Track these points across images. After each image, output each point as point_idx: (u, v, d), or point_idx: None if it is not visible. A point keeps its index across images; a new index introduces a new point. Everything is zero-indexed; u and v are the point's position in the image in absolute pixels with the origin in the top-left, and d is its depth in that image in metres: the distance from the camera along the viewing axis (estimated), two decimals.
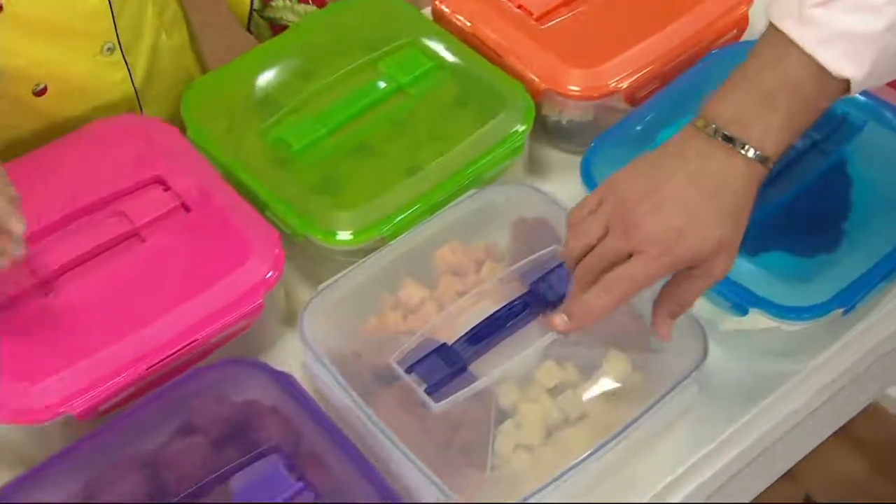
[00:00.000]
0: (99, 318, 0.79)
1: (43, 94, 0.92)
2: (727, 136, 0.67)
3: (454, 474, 0.73)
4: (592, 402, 0.78)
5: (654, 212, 0.67)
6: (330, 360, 0.79)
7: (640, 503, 0.78)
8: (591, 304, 0.70)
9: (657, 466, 0.81)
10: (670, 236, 0.67)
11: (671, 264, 0.68)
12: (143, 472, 0.73)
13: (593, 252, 0.70)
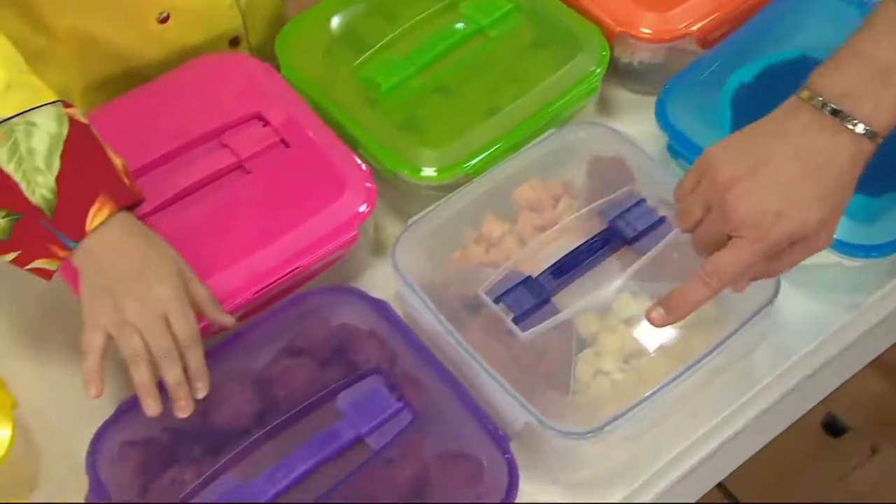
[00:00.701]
0: (211, 244, 0.81)
1: (166, 21, 0.92)
2: (835, 109, 0.63)
3: (539, 397, 0.75)
4: (667, 333, 0.79)
5: (751, 194, 0.63)
6: (421, 289, 0.81)
7: None
8: (688, 298, 0.67)
9: (723, 396, 0.83)
10: (767, 220, 0.63)
11: (768, 248, 0.64)
12: (254, 389, 0.76)
13: (696, 233, 0.68)
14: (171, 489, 0.69)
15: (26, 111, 0.68)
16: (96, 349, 0.69)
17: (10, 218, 0.68)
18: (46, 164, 0.68)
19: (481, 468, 0.71)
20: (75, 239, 0.69)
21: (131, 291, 0.69)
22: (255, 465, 0.71)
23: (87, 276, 0.71)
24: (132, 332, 0.69)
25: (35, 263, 0.71)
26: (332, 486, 0.69)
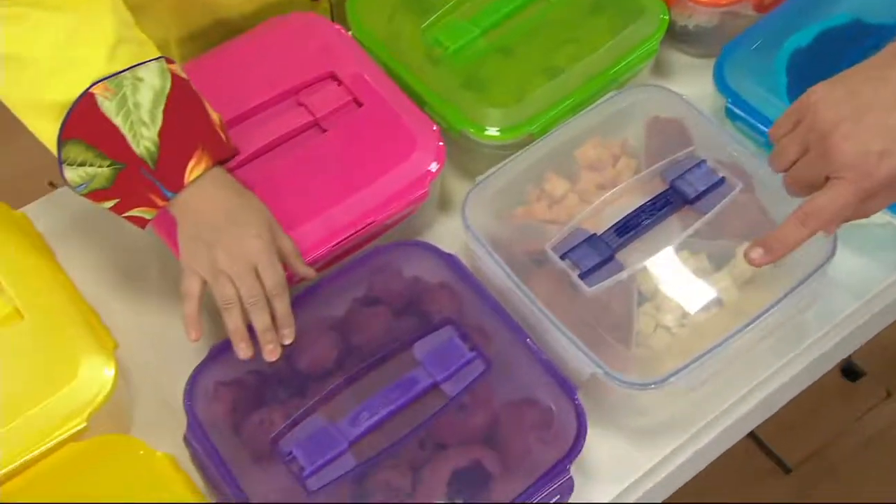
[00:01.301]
0: (290, 200, 0.82)
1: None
2: None
3: (603, 349, 0.76)
4: (725, 290, 0.80)
5: (853, 135, 0.62)
6: (489, 245, 0.82)
7: None
8: (787, 238, 0.67)
9: (775, 350, 0.84)
10: (870, 161, 0.62)
11: (869, 189, 0.63)
12: (333, 336, 0.77)
13: (791, 173, 0.68)
14: (260, 429, 0.71)
15: (134, 66, 0.70)
16: (194, 295, 0.72)
17: (115, 167, 0.70)
18: (151, 118, 0.69)
19: (551, 416, 0.72)
20: (174, 190, 0.71)
21: (225, 242, 0.71)
22: (337, 407, 0.72)
23: (184, 225, 0.73)
24: (226, 280, 0.71)
25: (132, 212, 0.73)
26: (411, 429, 0.71)
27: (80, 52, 0.69)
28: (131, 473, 0.70)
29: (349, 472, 0.69)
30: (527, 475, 0.69)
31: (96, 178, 0.70)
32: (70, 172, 0.70)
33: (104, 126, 0.69)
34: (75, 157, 0.69)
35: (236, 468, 0.69)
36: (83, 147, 0.69)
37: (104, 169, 0.70)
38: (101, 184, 0.71)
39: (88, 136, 0.69)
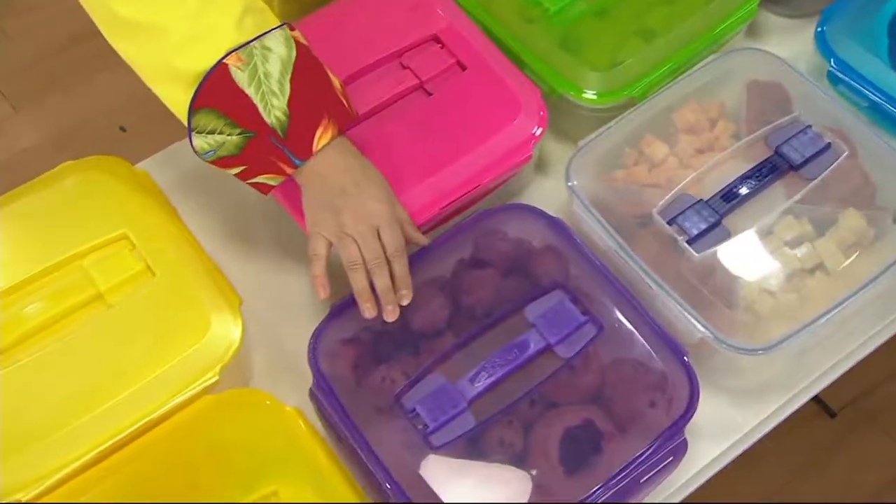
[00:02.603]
0: (399, 163, 0.80)
1: None
2: None
3: (710, 312, 0.74)
4: (829, 256, 0.76)
5: None
6: (594, 207, 0.79)
7: None
8: None
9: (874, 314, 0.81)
10: None
11: None
12: (445, 297, 0.76)
13: None
14: (383, 386, 0.70)
15: (262, 35, 0.68)
16: (321, 256, 0.71)
17: (244, 136, 0.68)
18: (280, 88, 0.68)
19: (664, 379, 0.70)
20: (303, 158, 0.69)
21: (350, 207, 0.70)
22: (454, 367, 0.71)
23: (311, 190, 0.72)
24: (351, 242, 0.70)
25: (258, 178, 0.71)
26: (527, 390, 0.70)
27: (211, 20, 0.66)
28: (263, 425, 0.69)
29: (469, 431, 0.68)
30: (641, 437, 0.68)
31: (225, 145, 0.69)
32: (199, 140, 0.69)
33: (237, 96, 0.67)
34: (205, 124, 0.68)
35: (361, 422, 0.68)
36: (215, 115, 0.67)
37: (234, 137, 0.68)
38: (230, 151, 0.69)
39: (221, 105, 0.67)
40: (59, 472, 0.65)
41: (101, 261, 0.74)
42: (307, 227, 0.72)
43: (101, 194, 0.77)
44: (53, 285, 0.72)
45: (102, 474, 0.66)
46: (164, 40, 0.67)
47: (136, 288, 0.73)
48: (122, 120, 1.92)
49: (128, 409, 0.68)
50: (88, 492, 0.66)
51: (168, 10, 0.66)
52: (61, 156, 1.97)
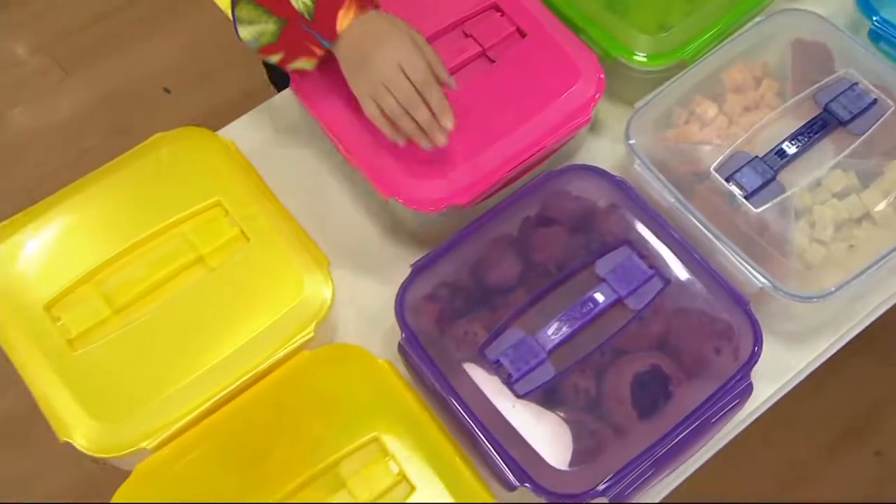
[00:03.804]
0: (466, 129, 0.79)
1: None
2: None
3: (766, 262, 0.74)
4: (876, 206, 0.76)
5: None
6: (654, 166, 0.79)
7: None
8: None
9: None
10: None
11: None
12: (516, 254, 0.76)
13: None
14: (466, 339, 0.71)
15: None
16: (376, 115, 0.74)
17: (279, 22, 0.73)
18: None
19: (729, 327, 0.71)
20: (329, 39, 0.73)
21: (372, 59, 0.72)
22: (531, 320, 0.72)
23: (344, 63, 0.74)
24: (384, 91, 0.72)
25: (296, 63, 0.76)
26: (602, 341, 0.70)
27: None
28: (358, 377, 0.71)
29: (550, 380, 0.69)
30: (709, 381, 0.69)
31: (265, 34, 0.73)
32: (243, 30, 0.74)
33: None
34: (246, 15, 0.73)
35: (449, 373, 0.69)
36: (252, 6, 0.72)
37: (270, 25, 0.73)
38: (269, 39, 0.74)
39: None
40: (177, 422, 0.67)
41: (198, 227, 0.74)
42: (356, 95, 0.75)
43: (193, 164, 0.77)
44: (158, 250, 0.73)
45: (216, 423, 0.68)
46: None
47: (232, 252, 0.73)
48: (165, 83, 1.91)
49: (235, 365, 0.69)
50: (205, 439, 0.67)
51: None
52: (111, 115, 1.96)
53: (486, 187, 0.78)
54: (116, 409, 0.67)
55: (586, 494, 0.65)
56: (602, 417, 0.69)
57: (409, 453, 0.66)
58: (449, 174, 0.78)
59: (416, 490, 0.65)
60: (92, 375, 0.68)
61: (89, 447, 0.66)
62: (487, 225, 0.78)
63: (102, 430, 0.66)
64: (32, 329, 0.69)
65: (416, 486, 0.65)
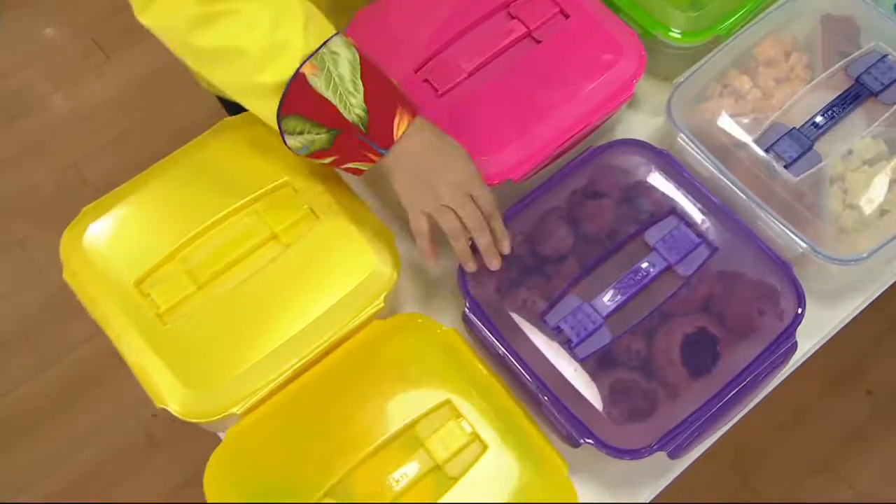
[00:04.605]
0: (515, 108, 0.80)
1: None
2: None
3: (805, 227, 0.75)
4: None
5: None
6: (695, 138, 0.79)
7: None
8: None
9: None
10: None
11: None
12: (567, 225, 0.77)
13: None
14: (525, 307, 0.73)
15: (326, 41, 0.66)
16: (425, 232, 0.71)
17: (332, 133, 0.68)
18: (354, 87, 0.66)
19: (774, 290, 0.72)
20: (386, 147, 0.68)
21: (441, 179, 0.69)
22: (587, 288, 0.73)
23: (401, 173, 0.70)
24: (449, 212, 0.70)
25: (349, 164, 0.71)
26: (655, 306, 0.72)
27: (282, 35, 0.65)
28: (428, 344, 0.72)
29: (607, 344, 0.70)
30: (756, 341, 0.70)
31: (315, 142, 0.68)
32: (291, 140, 0.68)
33: (317, 100, 0.66)
34: (294, 127, 0.67)
35: (513, 340, 0.71)
36: (301, 120, 0.67)
37: (322, 135, 0.68)
38: (321, 146, 0.69)
39: (305, 110, 0.66)
40: (263, 389, 0.69)
41: (270, 206, 0.75)
42: (406, 206, 0.71)
43: (260, 147, 0.78)
44: (234, 229, 0.74)
45: (299, 389, 0.70)
46: (244, 61, 0.65)
47: (304, 230, 0.75)
48: None
49: (312, 335, 0.71)
50: (290, 404, 0.69)
51: (242, 32, 0.65)
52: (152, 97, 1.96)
53: (537, 162, 0.79)
54: (207, 377, 0.69)
55: (647, 449, 0.66)
56: (655, 377, 0.70)
57: (480, 414, 0.68)
58: (502, 151, 0.79)
59: (489, 448, 0.67)
60: (182, 346, 0.69)
61: (184, 413, 0.68)
62: (539, 198, 0.79)
63: (195, 397, 0.68)
64: (125, 304, 0.70)
65: (488, 444, 0.67)
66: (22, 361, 1.61)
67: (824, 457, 1.52)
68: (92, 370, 1.59)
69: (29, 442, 1.54)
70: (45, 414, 1.57)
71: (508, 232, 0.75)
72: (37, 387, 1.59)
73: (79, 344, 1.61)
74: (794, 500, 1.48)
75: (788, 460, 1.51)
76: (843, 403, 1.55)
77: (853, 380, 1.57)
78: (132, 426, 1.54)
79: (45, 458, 1.53)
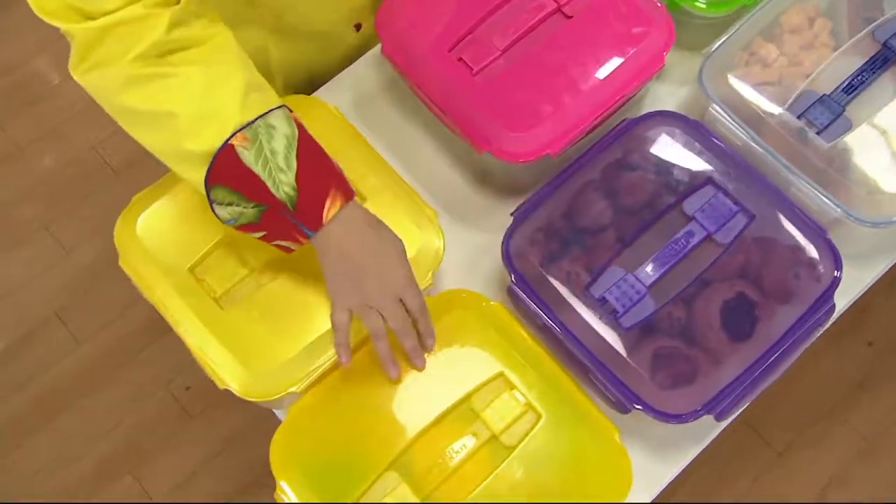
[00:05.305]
0: (550, 83, 0.78)
1: None
2: None
3: (838, 192, 0.74)
4: None
5: None
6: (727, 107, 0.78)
7: None
8: None
9: None
10: None
11: None
12: (605, 198, 0.76)
13: None
14: (570, 280, 0.72)
15: (265, 114, 0.62)
16: (344, 327, 0.67)
17: (259, 208, 0.64)
18: (286, 164, 0.62)
19: (812, 255, 0.72)
20: (314, 229, 0.64)
21: (371, 278, 0.65)
22: (628, 259, 0.72)
23: (329, 261, 0.66)
24: (374, 314, 0.66)
25: (279, 241, 0.67)
26: (697, 274, 0.71)
27: (217, 102, 0.61)
28: (478, 319, 0.72)
29: (652, 314, 0.70)
30: (795, 305, 0.70)
31: (244, 215, 0.64)
32: (220, 210, 0.64)
33: (245, 174, 0.62)
34: (222, 198, 0.63)
35: (559, 312, 0.70)
36: (228, 191, 0.63)
37: (249, 209, 0.64)
38: (249, 219, 0.64)
39: (232, 182, 0.62)
40: (320, 367, 0.68)
41: None
42: (331, 295, 0.67)
43: None
44: None
45: (355, 366, 0.69)
46: (174, 125, 0.61)
47: None
48: None
49: None
50: (347, 380, 0.69)
51: (174, 96, 0.61)
52: None
53: (574, 136, 0.77)
54: (264, 358, 0.68)
55: (694, 413, 0.66)
56: (696, 343, 0.70)
57: (532, 385, 0.68)
58: (539, 126, 0.77)
59: (543, 417, 0.67)
60: (239, 329, 0.69)
61: (244, 393, 0.67)
62: (576, 173, 0.77)
63: (255, 377, 0.68)
64: (182, 290, 0.70)
65: (541, 413, 0.67)
66: (56, 340, 1.61)
67: (830, 406, 1.53)
68: (124, 346, 1.59)
69: (69, 415, 1.55)
70: (82, 389, 1.57)
71: (544, 209, 0.73)
72: (72, 363, 1.59)
73: (110, 321, 1.61)
74: (803, 446, 1.50)
75: (795, 410, 1.52)
76: (845, 354, 1.57)
77: (854, 332, 1.58)
78: (167, 397, 1.54)
79: (86, 430, 1.53)
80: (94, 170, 1.76)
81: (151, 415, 1.53)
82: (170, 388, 1.54)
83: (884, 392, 1.54)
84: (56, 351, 1.60)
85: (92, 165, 1.77)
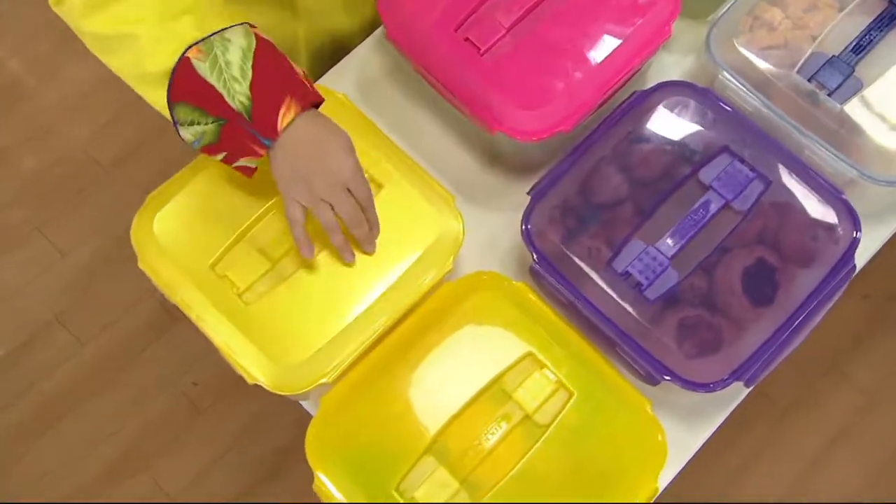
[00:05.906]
0: (562, 58, 0.77)
1: None
2: None
3: (851, 153, 0.74)
4: None
5: None
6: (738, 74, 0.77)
7: None
8: None
9: None
10: None
11: None
12: (620, 172, 0.76)
13: None
14: (591, 255, 0.71)
15: (221, 30, 0.64)
16: (300, 221, 0.68)
17: (218, 123, 0.64)
18: (241, 74, 0.63)
19: (830, 217, 0.72)
20: (270, 137, 0.65)
21: (317, 170, 0.66)
22: (648, 231, 0.72)
23: (279, 161, 0.66)
24: (326, 206, 0.67)
25: (240, 162, 0.67)
26: (718, 243, 0.71)
27: (176, 23, 0.63)
28: (503, 300, 0.71)
29: (675, 285, 0.70)
30: (816, 267, 0.70)
31: (205, 134, 0.65)
32: (184, 132, 0.65)
33: (202, 86, 0.63)
34: (184, 117, 0.64)
35: (583, 288, 0.70)
36: (189, 108, 0.64)
37: (210, 125, 0.64)
38: (210, 139, 0.65)
39: (191, 97, 0.63)
40: (349, 357, 0.68)
41: None
42: (282, 194, 0.68)
43: None
44: None
45: (382, 355, 0.69)
46: (139, 47, 0.63)
47: None
48: None
49: (388, 302, 0.70)
50: (376, 369, 0.68)
51: (140, 17, 0.63)
52: None
53: (586, 111, 0.77)
54: (292, 351, 0.68)
55: (723, 381, 0.67)
56: (719, 311, 0.70)
57: (561, 363, 0.68)
58: (551, 103, 0.76)
59: (574, 394, 0.67)
60: (265, 323, 0.68)
61: (274, 386, 0.67)
62: (589, 148, 0.77)
63: (284, 371, 0.67)
64: (204, 287, 0.69)
65: (573, 390, 0.67)
66: (59, 343, 1.59)
67: (830, 362, 1.55)
68: (127, 345, 1.57)
69: (74, 418, 1.53)
70: (87, 391, 1.55)
71: (560, 187, 0.73)
72: (76, 365, 1.57)
73: (111, 321, 1.59)
74: (807, 403, 1.52)
75: (796, 368, 1.54)
76: (841, 308, 1.58)
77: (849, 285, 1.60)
78: (174, 394, 1.53)
79: (92, 432, 1.52)
80: (82, 168, 1.72)
81: (161, 412, 1.52)
82: (177, 385, 1.53)
83: (882, 343, 1.56)
84: (59, 354, 1.58)
85: (79, 164, 1.73)
